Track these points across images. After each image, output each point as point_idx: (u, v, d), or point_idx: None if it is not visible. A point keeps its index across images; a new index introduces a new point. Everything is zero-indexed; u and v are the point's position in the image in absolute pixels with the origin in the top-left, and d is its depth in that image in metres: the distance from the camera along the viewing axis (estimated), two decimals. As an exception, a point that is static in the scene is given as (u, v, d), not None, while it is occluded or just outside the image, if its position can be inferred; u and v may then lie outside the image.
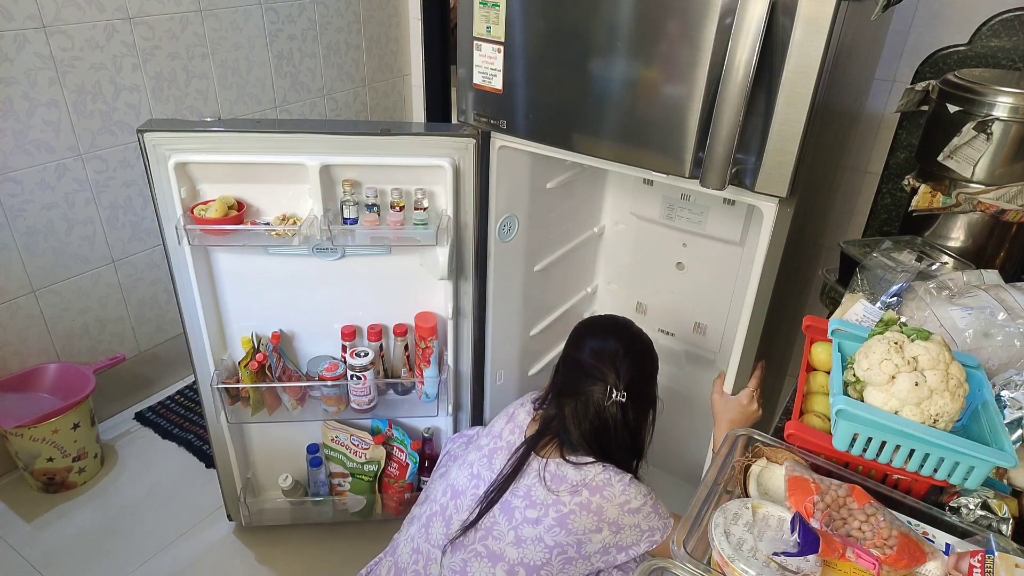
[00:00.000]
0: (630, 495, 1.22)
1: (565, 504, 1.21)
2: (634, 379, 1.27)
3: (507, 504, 1.24)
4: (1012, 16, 1.63)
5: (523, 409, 1.37)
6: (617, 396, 1.24)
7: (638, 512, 1.22)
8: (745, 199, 1.24)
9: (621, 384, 1.25)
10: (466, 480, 1.31)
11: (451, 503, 1.30)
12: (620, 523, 1.21)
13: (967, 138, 1.37)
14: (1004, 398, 0.94)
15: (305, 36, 2.39)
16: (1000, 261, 1.49)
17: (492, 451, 1.32)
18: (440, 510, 1.31)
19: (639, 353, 1.32)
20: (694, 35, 1.12)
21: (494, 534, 1.23)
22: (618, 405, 1.24)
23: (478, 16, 1.32)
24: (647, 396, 1.32)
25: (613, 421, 1.25)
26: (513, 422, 1.35)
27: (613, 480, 1.22)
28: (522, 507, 1.22)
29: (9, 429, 1.83)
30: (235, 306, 1.60)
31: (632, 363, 1.27)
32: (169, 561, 1.79)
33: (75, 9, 1.80)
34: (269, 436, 1.79)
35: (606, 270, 2.13)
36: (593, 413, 1.25)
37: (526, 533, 1.20)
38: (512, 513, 1.23)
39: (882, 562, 0.78)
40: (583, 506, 1.20)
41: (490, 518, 1.24)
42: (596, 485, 1.22)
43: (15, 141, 1.79)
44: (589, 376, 1.27)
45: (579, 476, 1.23)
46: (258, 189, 1.48)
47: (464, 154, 1.46)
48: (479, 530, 1.24)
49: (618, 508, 1.21)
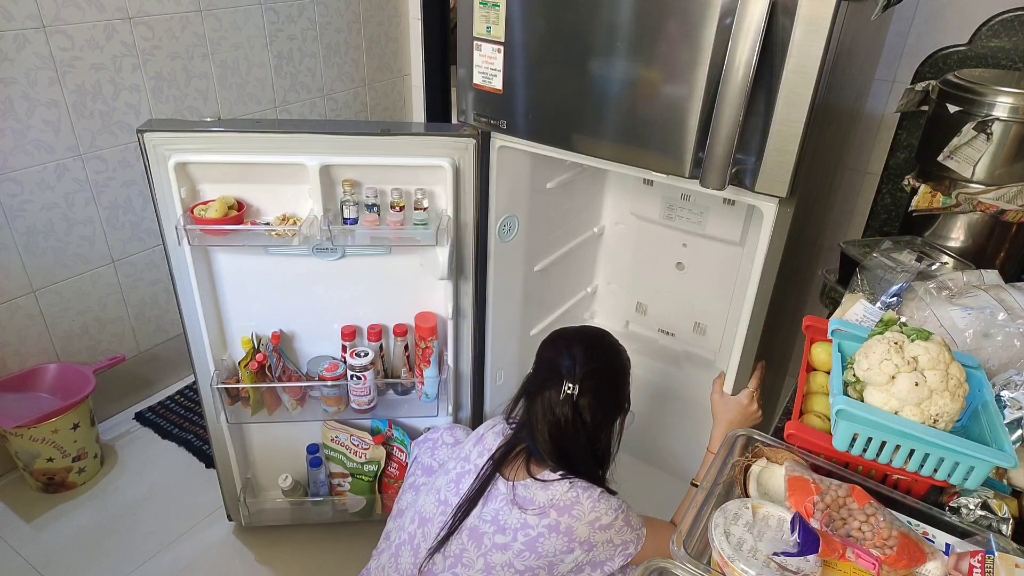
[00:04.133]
0: (600, 511, 1.18)
1: (533, 527, 1.17)
2: (591, 374, 1.21)
3: (476, 530, 1.21)
4: (1012, 16, 1.63)
5: (492, 432, 1.34)
6: (569, 389, 1.19)
7: (610, 527, 1.19)
8: (745, 199, 1.24)
9: (577, 375, 1.20)
10: (433, 507, 1.28)
11: (419, 531, 1.28)
12: (592, 540, 1.18)
13: (967, 138, 1.37)
14: (1004, 398, 0.94)
15: (305, 36, 2.39)
16: (1000, 261, 1.49)
17: (459, 475, 1.29)
18: (408, 539, 1.29)
19: (601, 350, 1.28)
20: (694, 35, 1.12)
21: (463, 561, 1.20)
22: (573, 403, 1.19)
23: (478, 16, 1.32)
24: (610, 398, 1.26)
25: (566, 419, 1.20)
26: (482, 444, 1.32)
27: (581, 498, 1.19)
28: (491, 532, 1.19)
29: (9, 429, 1.83)
30: (235, 306, 1.60)
31: (590, 358, 1.23)
32: (169, 561, 1.79)
33: (75, 9, 1.80)
34: (269, 436, 1.79)
35: (606, 270, 2.13)
36: (549, 410, 1.21)
37: (495, 559, 1.18)
38: (481, 539, 1.20)
39: (882, 562, 0.78)
40: (552, 528, 1.17)
41: (459, 545, 1.21)
42: (564, 505, 1.18)
43: (15, 141, 1.79)
44: (548, 370, 1.24)
45: (546, 496, 1.19)
46: (258, 189, 1.48)
47: (464, 154, 1.46)
48: (448, 557, 1.22)
49: (588, 526, 1.18)
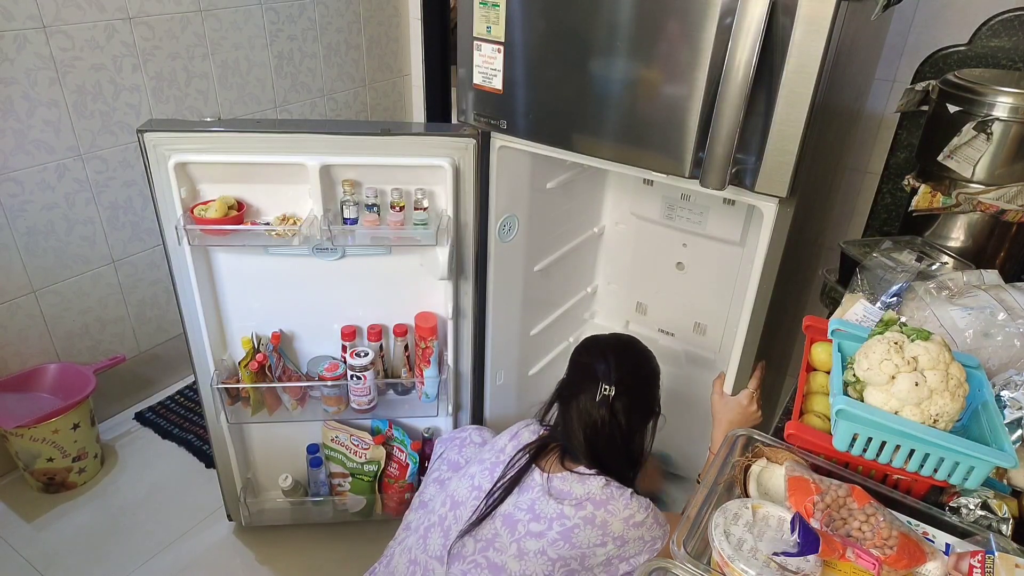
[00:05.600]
0: (633, 509, 1.23)
1: (570, 518, 1.21)
2: (626, 376, 1.28)
3: (510, 517, 1.23)
4: (1012, 16, 1.63)
5: (527, 430, 1.38)
6: (605, 390, 1.25)
7: (642, 525, 1.23)
8: (745, 199, 1.24)
9: (612, 378, 1.26)
10: (467, 492, 1.31)
11: (450, 514, 1.30)
12: (625, 536, 1.22)
13: (967, 138, 1.37)
14: (1004, 398, 0.94)
15: (305, 36, 2.39)
16: (1000, 261, 1.49)
17: (494, 464, 1.33)
18: (439, 520, 1.31)
19: (634, 354, 1.35)
20: (694, 35, 1.12)
21: (495, 546, 1.22)
22: (608, 404, 1.25)
23: (478, 16, 1.32)
24: (643, 401, 1.32)
25: (602, 421, 1.25)
26: (517, 439, 1.36)
27: (615, 495, 1.23)
28: (526, 520, 1.22)
29: (9, 429, 1.83)
30: (235, 306, 1.60)
31: (624, 361, 1.30)
32: (169, 561, 1.79)
33: (75, 9, 1.80)
34: (269, 436, 1.79)
35: (606, 270, 2.13)
36: (585, 412, 1.26)
37: (529, 546, 1.20)
38: (515, 526, 1.22)
39: (882, 562, 0.78)
40: (588, 520, 1.21)
41: (491, 529, 1.24)
42: (600, 499, 1.22)
43: (15, 141, 1.79)
44: (584, 374, 1.29)
45: (583, 490, 1.23)
46: (258, 189, 1.48)
47: (464, 154, 1.46)
48: (480, 541, 1.24)
49: (623, 522, 1.21)
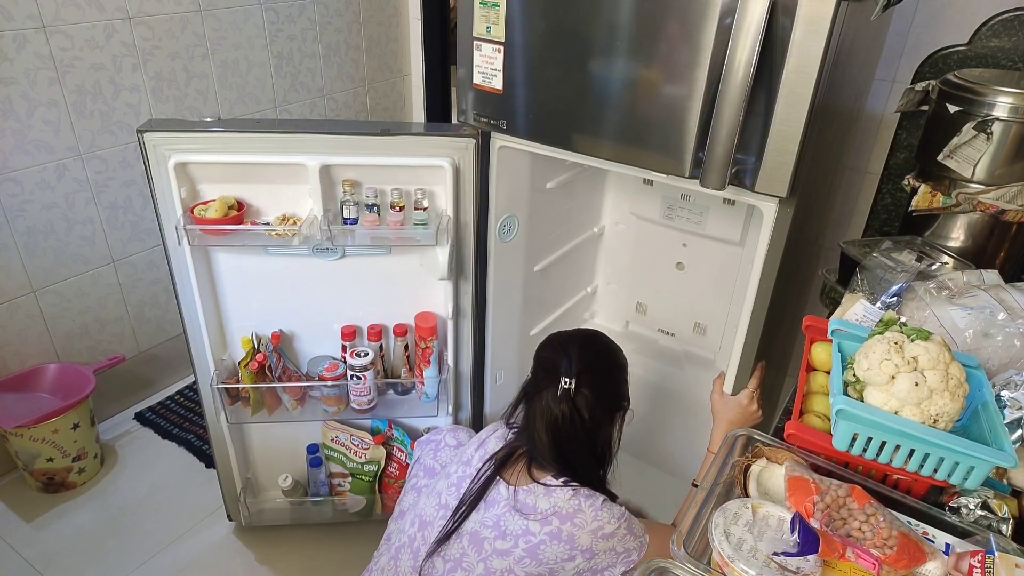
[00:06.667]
0: (602, 520, 1.18)
1: (535, 534, 1.17)
2: (587, 369, 1.23)
3: (476, 535, 1.21)
4: (1012, 16, 1.63)
5: (494, 436, 1.34)
6: (566, 384, 1.20)
7: (612, 536, 1.19)
8: (745, 199, 1.24)
9: (572, 371, 1.21)
10: (433, 510, 1.28)
11: (419, 535, 1.27)
12: (594, 549, 1.18)
13: (967, 138, 1.37)
14: (1004, 398, 0.94)
15: (305, 36, 2.39)
16: (1000, 261, 1.49)
17: (460, 479, 1.29)
18: (408, 542, 1.29)
19: (595, 347, 1.30)
20: (694, 35, 1.12)
21: (463, 566, 1.20)
22: (570, 399, 1.20)
23: (478, 16, 1.32)
24: (607, 394, 1.26)
25: (563, 416, 1.20)
26: (483, 448, 1.32)
27: (584, 506, 1.19)
28: (492, 538, 1.19)
29: (9, 429, 1.83)
30: (235, 306, 1.60)
31: (585, 353, 1.25)
32: (169, 561, 1.79)
33: (75, 9, 1.80)
34: (269, 436, 1.79)
35: (606, 270, 2.13)
36: (547, 408, 1.22)
37: (496, 565, 1.18)
38: (482, 544, 1.19)
39: (882, 562, 0.78)
40: (554, 535, 1.17)
41: (459, 549, 1.21)
42: (566, 512, 1.18)
43: (15, 141, 1.79)
44: (546, 370, 1.25)
45: (549, 503, 1.19)
46: (258, 189, 1.48)
47: (464, 154, 1.46)
48: (448, 561, 1.21)
49: (591, 535, 1.18)
